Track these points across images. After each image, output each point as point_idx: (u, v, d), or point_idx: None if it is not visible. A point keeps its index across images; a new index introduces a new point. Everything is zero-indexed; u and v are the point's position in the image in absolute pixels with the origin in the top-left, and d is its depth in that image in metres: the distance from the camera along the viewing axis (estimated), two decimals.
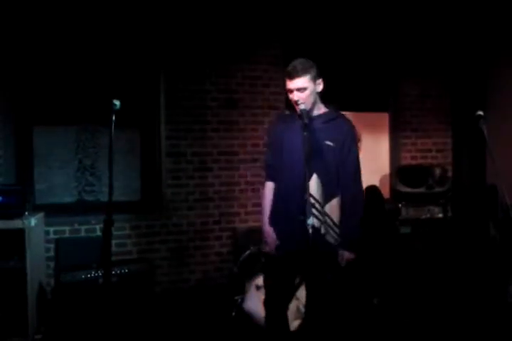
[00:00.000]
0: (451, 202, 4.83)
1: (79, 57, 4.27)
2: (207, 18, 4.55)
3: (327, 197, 2.59)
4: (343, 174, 2.65)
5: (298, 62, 2.61)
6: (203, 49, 4.57)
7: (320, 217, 2.57)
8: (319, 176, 2.56)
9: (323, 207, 2.59)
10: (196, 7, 4.49)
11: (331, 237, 2.61)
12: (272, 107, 4.74)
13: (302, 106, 2.58)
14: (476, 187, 4.94)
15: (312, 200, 2.50)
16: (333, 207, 2.62)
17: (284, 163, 2.67)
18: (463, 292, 4.29)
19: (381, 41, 5.08)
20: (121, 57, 4.39)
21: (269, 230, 2.70)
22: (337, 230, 2.63)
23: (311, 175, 2.49)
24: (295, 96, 2.59)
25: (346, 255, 2.60)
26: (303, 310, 3.28)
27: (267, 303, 2.76)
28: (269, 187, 2.78)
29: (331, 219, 2.61)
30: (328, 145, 2.61)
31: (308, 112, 2.58)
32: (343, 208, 2.64)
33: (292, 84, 2.59)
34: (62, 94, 4.30)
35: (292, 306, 3.36)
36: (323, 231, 2.58)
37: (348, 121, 2.77)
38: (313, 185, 2.52)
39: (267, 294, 2.78)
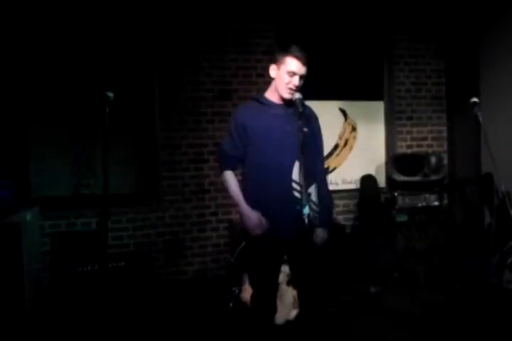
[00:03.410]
0: (447, 189, 4.84)
1: (73, 49, 4.24)
2: (199, 8, 4.51)
3: (308, 183, 2.56)
4: (316, 159, 2.70)
5: (301, 50, 2.60)
6: (196, 40, 4.54)
7: (311, 204, 2.58)
8: (301, 163, 2.52)
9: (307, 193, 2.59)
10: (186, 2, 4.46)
11: (316, 220, 2.63)
12: None
13: (298, 95, 2.57)
14: (472, 174, 4.95)
15: (297, 187, 2.52)
16: (312, 192, 2.64)
17: (263, 151, 2.61)
18: (459, 278, 4.31)
19: (376, 28, 5.06)
20: (114, 50, 4.35)
21: (250, 211, 2.61)
22: (317, 214, 2.66)
23: (294, 163, 2.53)
24: (297, 81, 2.58)
25: (325, 234, 2.64)
26: None
27: (255, 289, 2.74)
28: (230, 173, 2.70)
29: (314, 204, 2.62)
30: (305, 132, 2.59)
31: (302, 100, 2.56)
32: (320, 192, 2.67)
33: (301, 69, 2.57)
34: (57, 88, 4.27)
35: (289, 296, 3.38)
36: (312, 216, 2.58)
37: (310, 107, 2.77)
38: (297, 171, 2.52)
39: (254, 283, 2.74)
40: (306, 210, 2.35)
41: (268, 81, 2.69)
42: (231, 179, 2.69)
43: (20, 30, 4.06)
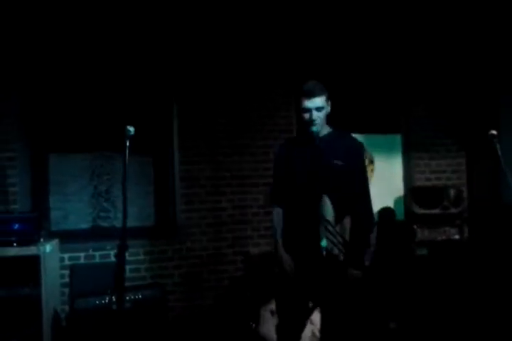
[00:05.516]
0: (467, 222, 4.77)
1: (94, 85, 4.37)
2: (217, 46, 4.63)
3: (338, 217, 2.58)
4: (352, 193, 2.65)
5: (314, 83, 2.67)
6: (215, 75, 4.64)
7: (332, 238, 2.56)
8: (330, 196, 2.55)
9: (334, 227, 2.58)
10: (205, 37, 4.59)
11: (340, 256, 2.60)
12: (283, 131, 4.76)
13: (315, 128, 2.61)
14: (492, 207, 4.88)
15: (324, 222, 2.51)
16: (344, 227, 2.62)
17: (294, 186, 2.68)
18: (482, 315, 4.19)
19: (393, 61, 5.11)
20: (135, 85, 4.47)
21: (285, 255, 2.69)
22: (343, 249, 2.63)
23: (322, 196, 2.51)
24: (313, 115, 2.62)
25: (355, 273, 2.59)
26: (318, 334, 3.22)
27: (279, 329, 2.74)
28: (279, 212, 2.78)
29: (343, 238, 2.59)
30: (337, 164, 2.62)
31: (318, 133, 2.61)
32: (353, 227, 2.63)
33: (311, 103, 2.61)
34: (77, 122, 4.38)
35: (307, 331, 3.32)
36: (336, 252, 2.57)
37: (355, 139, 2.80)
38: (325, 205, 2.52)
39: (280, 319, 2.75)
40: (324, 243, 2.36)
41: (284, 114, 2.76)
42: (278, 218, 2.75)
43: (45, 63, 4.20)
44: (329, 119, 2.76)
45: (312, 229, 2.54)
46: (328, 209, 2.54)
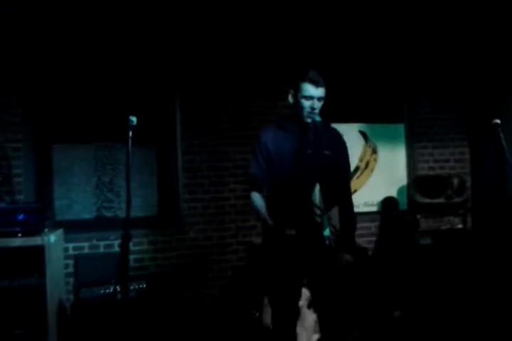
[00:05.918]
0: (470, 212, 4.77)
1: (98, 76, 4.36)
2: (220, 38, 4.61)
3: (328, 206, 2.58)
4: (339, 183, 2.68)
5: (318, 72, 2.66)
6: (218, 65, 4.63)
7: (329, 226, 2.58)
8: (321, 185, 2.54)
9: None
10: (208, 29, 4.57)
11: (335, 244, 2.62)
12: None
13: (317, 118, 2.60)
14: (496, 196, 4.87)
15: (317, 210, 2.52)
16: (333, 215, 2.63)
17: (283, 174, 2.63)
18: (485, 304, 4.20)
19: (396, 52, 5.09)
20: (138, 76, 4.46)
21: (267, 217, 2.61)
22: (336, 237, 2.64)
23: (314, 186, 2.52)
24: (315, 104, 2.61)
25: (347, 257, 2.64)
26: None
27: (273, 317, 2.72)
28: (259, 195, 2.71)
29: (334, 227, 2.60)
30: (327, 155, 2.62)
31: (318, 123, 2.60)
32: (342, 215, 2.65)
33: (318, 91, 2.61)
34: (81, 112, 4.38)
35: (311, 320, 3.34)
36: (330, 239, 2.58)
37: (336, 129, 2.83)
38: (317, 194, 2.53)
39: (273, 305, 2.73)
40: (327, 232, 2.37)
41: (287, 104, 2.73)
42: (257, 197, 2.71)
43: (49, 56, 4.21)
44: (333, 108, 2.75)
45: (303, 217, 2.55)
46: (320, 198, 2.53)
